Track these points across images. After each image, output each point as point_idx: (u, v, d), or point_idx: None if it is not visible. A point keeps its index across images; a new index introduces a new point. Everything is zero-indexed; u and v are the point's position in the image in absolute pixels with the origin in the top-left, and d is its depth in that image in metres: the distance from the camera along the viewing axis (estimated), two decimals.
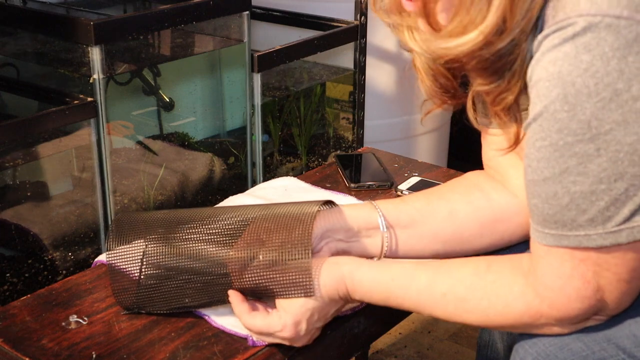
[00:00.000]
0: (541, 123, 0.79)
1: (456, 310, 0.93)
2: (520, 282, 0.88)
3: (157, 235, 1.06)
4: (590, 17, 0.74)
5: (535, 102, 0.79)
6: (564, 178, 0.79)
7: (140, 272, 1.07)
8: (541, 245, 0.84)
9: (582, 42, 0.74)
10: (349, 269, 0.98)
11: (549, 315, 0.85)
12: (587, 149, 0.76)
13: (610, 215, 0.78)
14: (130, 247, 1.08)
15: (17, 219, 1.64)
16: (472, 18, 0.82)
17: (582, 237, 0.80)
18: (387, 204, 1.09)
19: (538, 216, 0.83)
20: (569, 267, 0.82)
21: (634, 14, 0.73)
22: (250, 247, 1.01)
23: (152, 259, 1.06)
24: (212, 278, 1.03)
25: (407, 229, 1.08)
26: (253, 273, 1.00)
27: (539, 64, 0.78)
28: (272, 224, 1.02)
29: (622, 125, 0.75)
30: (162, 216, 1.10)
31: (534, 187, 0.82)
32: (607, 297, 0.83)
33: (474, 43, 0.83)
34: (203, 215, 1.07)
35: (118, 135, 1.82)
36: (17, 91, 1.75)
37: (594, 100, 0.75)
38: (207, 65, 2.19)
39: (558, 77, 0.76)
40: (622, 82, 0.74)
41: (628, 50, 0.73)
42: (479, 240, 1.08)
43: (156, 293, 1.06)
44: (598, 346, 0.85)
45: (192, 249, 1.04)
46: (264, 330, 0.99)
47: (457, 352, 1.98)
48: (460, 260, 0.97)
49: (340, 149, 2.24)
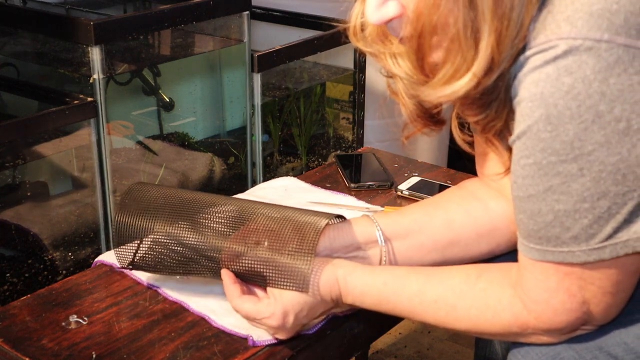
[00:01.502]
0: (525, 141, 0.79)
1: (447, 317, 0.93)
2: (509, 293, 0.89)
3: (167, 208, 1.09)
4: (571, 41, 0.74)
5: (519, 121, 0.80)
6: (547, 196, 0.79)
7: (144, 234, 1.09)
8: (527, 259, 0.85)
9: (564, 65, 0.75)
10: (343, 272, 0.99)
11: (536, 327, 0.87)
12: (570, 168, 0.77)
13: (594, 232, 0.79)
14: (141, 209, 1.10)
15: (17, 219, 1.64)
16: (461, 63, 0.81)
17: (566, 253, 0.81)
18: (385, 217, 1.10)
19: (524, 230, 0.84)
20: (554, 280, 0.83)
21: (614, 37, 0.73)
22: (247, 243, 1.02)
23: (159, 229, 1.08)
24: (209, 256, 1.04)
25: (404, 240, 1.08)
26: (250, 258, 1.01)
27: (522, 85, 0.79)
28: (277, 227, 1.03)
29: (604, 146, 0.75)
30: (176, 193, 1.13)
31: (519, 203, 0.83)
32: (593, 309, 0.84)
33: (468, 87, 0.82)
34: (214, 201, 1.09)
35: (118, 135, 1.83)
36: (17, 91, 1.75)
37: (576, 122, 0.76)
38: (207, 65, 2.19)
39: (540, 99, 0.77)
40: (604, 104, 0.74)
41: (609, 73, 0.74)
42: (477, 248, 1.09)
43: (156, 257, 1.08)
44: (590, 354, 0.86)
45: (196, 228, 1.05)
46: (252, 315, 0.99)
47: (457, 352, 1.99)
48: (452, 267, 0.97)
49: (340, 149, 2.24)
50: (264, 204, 1.10)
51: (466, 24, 0.79)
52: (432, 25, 0.81)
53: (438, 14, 0.80)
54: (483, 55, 0.80)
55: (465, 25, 0.79)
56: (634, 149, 0.75)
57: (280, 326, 0.98)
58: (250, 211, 1.07)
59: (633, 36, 0.73)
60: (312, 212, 1.06)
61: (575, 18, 0.74)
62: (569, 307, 0.83)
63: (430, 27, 0.82)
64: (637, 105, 0.74)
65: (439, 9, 0.80)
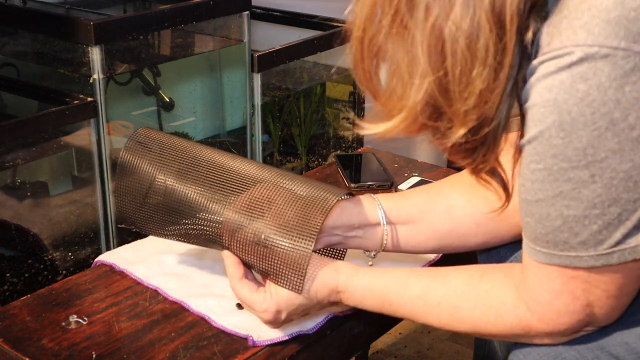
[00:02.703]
0: (536, 147, 0.79)
1: (450, 318, 0.93)
2: (512, 294, 0.88)
3: (172, 159, 1.09)
4: (587, 48, 0.73)
5: (530, 125, 0.79)
6: (557, 202, 0.79)
7: (146, 191, 1.09)
8: (532, 260, 0.85)
9: (579, 72, 0.74)
10: (345, 277, 0.99)
11: (539, 329, 0.86)
12: (581, 175, 0.77)
13: (603, 238, 0.78)
14: (143, 163, 1.10)
15: (17, 219, 1.64)
16: (396, 102, 0.81)
17: (573, 257, 0.80)
18: (388, 199, 1.10)
19: (530, 233, 0.84)
20: (558, 283, 0.83)
21: (631, 44, 0.73)
22: (250, 214, 1.02)
23: (159, 184, 1.08)
24: (207, 224, 1.04)
25: (406, 224, 1.09)
26: (245, 246, 1.01)
27: (534, 89, 0.78)
28: (281, 199, 1.02)
29: (617, 154, 0.75)
30: (183, 145, 1.12)
31: (527, 206, 0.83)
32: (597, 312, 0.83)
33: (399, 128, 0.81)
34: (221, 160, 1.09)
35: (118, 135, 1.83)
36: (17, 91, 1.75)
37: (590, 129, 0.75)
38: (207, 65, 2.19)
39: (554, 105, 0.76)
40: (619, 112, 0.74)
41: (625, 80, 0.73)
42: (474, 238, 1.09)
43: (156, 214, 1.08)
44: (591, 354, 0.86)
45: (196, 192, 1.05)
46: (246, 302, 1.01)
47: (457, 352, 1.98)
48: (454, 268, 0.97)
49: (340, 149, 2.24)
50: (273, 170, 1.09)
51: (398, 66, 0.79)
52: (370, 44, 0.81)
53: (368, 43, 0.80)
54: (414, 101, 0.79)
55: (397, 65, 0.79)
56: None
57: (272, 321, 1.00)
58: (258, 176, 1.06)
59: None
60: (322, 187, 1.05)
61: (592, 25, 0.73)
62: (572, 309, 0.83)
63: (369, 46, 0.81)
64: None
65: (368, 41, 0.80)
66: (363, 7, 0.80)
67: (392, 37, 0.79)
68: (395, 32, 0.78)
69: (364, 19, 0.80)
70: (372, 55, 0.82)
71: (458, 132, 0.80)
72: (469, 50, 0.76)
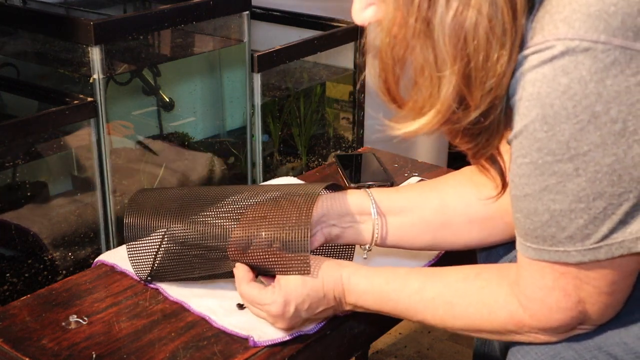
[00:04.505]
0: (522, 141, 0.80)
1: (445, 315, 0.94)
2: (506, 291, 0.89)
3: (173, 212, 1.12)
4: (568, 41, 0.74)
5: (517, 120, 0.80)
6: (543, 196, 0.80)
7: (159, 245, 1.12)
8: (524, 257, 0.86)
9: (560, 65, 0.75)
10: (347, 272, 1.00)
11: (532, 325, 0.87)
12: (566, 168, 0.77)
13: (589, 232, 0.79)
14: (149, 220, 1.14)
15: (17, 219, 1.64)
16: (425, 99, 0.82)
17: (562, 252, 0.81)
18: (380, 192, 1.12)
19: (521, 229, 0.85)
20: (550, 279, 0.84)
21: (611, 38, 0.73)
22: (250, 227, 1.05)
23: (172, 234, 1.11)
24: (220, 254, 1.07)
25: (397, 216, 1.10)
26: (254, 254, 1.03)
27: (519, 83, 0.79)
28: (273, 206, 1.05)
29: (600, 147, 0.76)
30: (177, 194, 1.17)
31: (516, 202, 0.84)
32: (589, 308, 0.84)
33: (433, 123, 0.83)
34: (215, 194, 1.13)
35: (118, 135, 1.82)
36: (17, 91, 1.75)
37: (572, 122, 0.76)
38: (207, 65, 2.19)
39: (537, 98, 0.77)
40: (601, 105, 0.75)
41: (606, 74, 0.74)
42: (468, 235, 1.10)
43: (171, 264, 1.11)
44: (589, 354, 0.86)
45: (204, 227, 1.09)
46: (255, 300, 1.01)
47: (457, 352, 1.99)
48: (453, 267, 0.98)
49: (340, 149, 2.24)
50: (259, 187, 1.14)
51: (426, 63, 0.80)
52: (394, 55, 0.82)
53: (398, 47, 0.81)
54: (445, 94, 0.80)
55: (425, 62, 0.80)
56: (629, 151, 0.75)
57: (280, 314, 1.00)
58: (249, 197, 1.10)
59: (630, 38, 0.73)
60: (307, 185, 1.10)
61: (572, 19, 0.74)
62: (564, 305, 0.84)
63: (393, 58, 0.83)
64: (633, 107, 0.74)
65: (398, 44, 0.81)
66: (387, 13, 0.81)
67: (416, 35, 0.80)
68: (419, 29, 0.79)
69: (391, 25, 0.81)
70: (399, 60, 0.83)
71: (471, 116, 0.81)
72: (491, 33, 0.77)
